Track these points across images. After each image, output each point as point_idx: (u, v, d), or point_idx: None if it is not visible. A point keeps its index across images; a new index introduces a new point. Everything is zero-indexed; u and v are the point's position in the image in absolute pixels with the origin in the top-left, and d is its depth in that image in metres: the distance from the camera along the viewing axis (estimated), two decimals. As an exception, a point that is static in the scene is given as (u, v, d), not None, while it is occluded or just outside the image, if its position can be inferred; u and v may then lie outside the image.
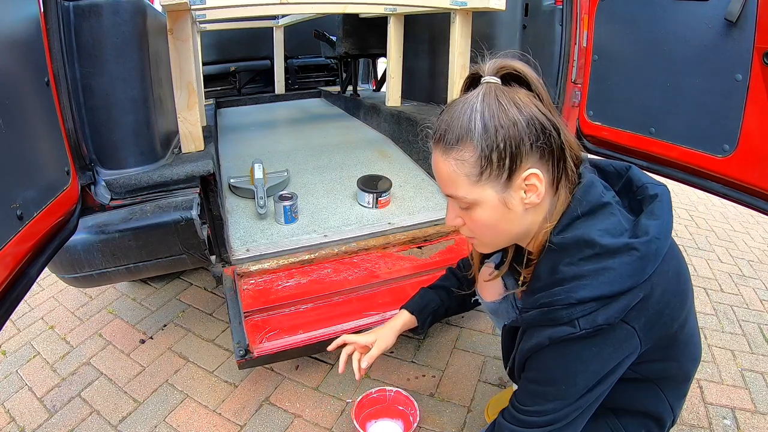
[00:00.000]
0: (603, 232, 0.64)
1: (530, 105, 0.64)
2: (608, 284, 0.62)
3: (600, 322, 0.62)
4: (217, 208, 1.45)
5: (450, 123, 0.66)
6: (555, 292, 0.64)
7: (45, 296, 2.01)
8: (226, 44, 3.50)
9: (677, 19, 1.16)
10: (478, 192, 0.66)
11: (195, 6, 1.31)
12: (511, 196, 0.66)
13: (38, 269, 0.81)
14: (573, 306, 0.62)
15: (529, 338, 0.69)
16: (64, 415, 1.38)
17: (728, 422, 1.32)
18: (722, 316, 1.82)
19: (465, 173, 0.65)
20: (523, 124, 0.62)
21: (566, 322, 0.63)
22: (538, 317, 0.66)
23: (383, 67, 3.13)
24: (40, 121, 0.87)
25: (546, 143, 0.64)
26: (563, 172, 0.67)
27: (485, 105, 0.63)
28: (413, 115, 2.10)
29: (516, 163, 0.64)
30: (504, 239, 0.74)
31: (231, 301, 1.31)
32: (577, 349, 0.64)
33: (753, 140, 1.02)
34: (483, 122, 0.63)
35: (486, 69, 0.67)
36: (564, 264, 0.64)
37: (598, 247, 0.63)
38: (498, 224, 0.69)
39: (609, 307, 0.62)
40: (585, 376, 0.66)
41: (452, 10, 1.70)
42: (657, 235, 0.64)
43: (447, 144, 0.66)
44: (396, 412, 1.28)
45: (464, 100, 0.66)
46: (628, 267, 0.62)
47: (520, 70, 0.66)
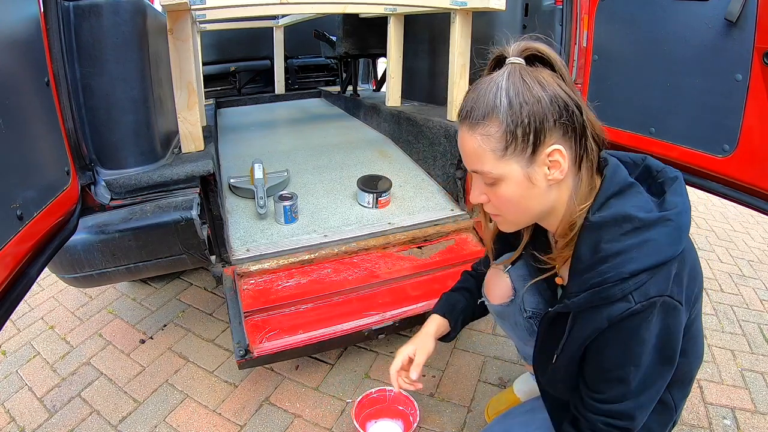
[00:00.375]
0: (637, 208, 0.66)
1: (553, 84, 0.66)
2: (654, 255, 0.64)
3: (652, 293, 0.63)
4: (217, 208, 1.45)
5: (476, 100, 0.68)
6: (603, 270, 0.65)
7: (45, 296, 2.01)
8: (226, 44, 3.50)
9: (677, 19, 1.16)
10: (503, 167, 0.68)
11: (195, 6, 1.31)
12: (535, 172, 0.68)
13: (38, 269, 0.81)
14: (625, 281, 0.63)
15: (585, 323, 0.69)
16: (64, 415, 1.38)
17: (728, 422, 1.32)
18: (722, 316, 1.82)
19: (491, 148, 0.68)
20: (546, 101, 0.65)
21: (620, 298, 0.64)
22: (590, 298, 0.66)
23: (383, 67, 3.13)
24: (40, 121, 0.87)
25: (568, 120, 0.66)
26: (585, 150, 0.69)
27: (510, 83, 0.65)
28: (413, 115, 2.10)
29: (540, 139, 0.66)
30: (527, 216, 0.75)
31: (231, 301, 1.31)
32: (637, 326, 0.65)
33: (753, 140, 1.02)
34: (508, 99, 0.65)
35: (511, 50, 0.69)
36: (605, 242, 0.66)
37: (636, 221, 0.65)
38: (522, 200, 0.71)
39: (657, 278, 0.64)
40: (651, 353, 0.67)
41: (452, 10, 1.70)
42: (684, 209, 0.67)
43: (473, 120, 0.68)
44: (396, 412, 1.28)
45: (490, 79, 0.68)
46: (668, 237, 0.64)
47: (543, 51, 0.68)
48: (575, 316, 0.72)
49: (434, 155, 1.95)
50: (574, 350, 0.73)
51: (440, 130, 1.86)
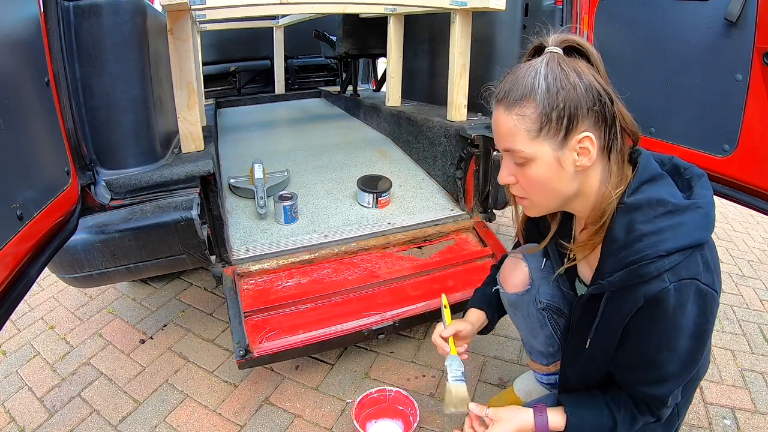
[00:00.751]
0: (670, 195, 0.70)
1: (589, 74, 0.69)
2: (687, 236, 0.66)
3: (684, 275, 0.66)
4: (217, 208, 1.45)
5: (515, 82, 0.71)
6: (639, 248, 0.67)
7: (45, 296, 2.01)
8: (226, 44, 3.50)
9: (677, 19, 1.16)
10: (535, 147, 0.71)
11: (195, 6, 1.31)
12: (565, 155, 0.71)
13: (38, 269, 0.81)
14: (662, 258, 0.66)
15: (621, 303, 0.70)
16: (64, 415, 1.38)
17: (728, 422, 1.32)
18: (722, 316, 1.82)
19: (525, 128, 0.70)
20: (582, 89, 0.68)
21: (655, 276, 0.66)
22: (626, 276, 0.68)
23: (383, 67, 3.13)
24: (40, 121, 0.87)
25: (601, 109, 0.69)
26: (614, 140, 0.71)
27: (549, 69, 0.69)
28: (413, 115, 2.10)
29: (573, 124, 0.69)
30: (554, 200, 0.77)
31: (231, 301, 1.31)
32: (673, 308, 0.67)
33: (753, 140, 1.02)
34: (546, 83, 0.68)
35: (550, 40, 0.73)
36: (640, 222, 0.68)
37: (670, 205, 0.68)
38: (550, 182, 0.73)
39: (688, 261, 0.66)
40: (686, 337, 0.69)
41: (452, 10, 1.70)
42: (712, 201, 0.70)
43: (510, 101, 0.71)
44: (396, 412, 1.28)
45: (529, 64, 0.71)
46: (699, 221, 0.68)
47: (581, 44, 0.72)
48: (609, 298, 0.73)
49: (434, 155, 1.95)
50: (611, 332, 0.74)
51: (440, 130, 1.86)
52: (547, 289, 0.99)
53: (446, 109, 1.88)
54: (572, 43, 0.72)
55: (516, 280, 1.02)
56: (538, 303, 1.00)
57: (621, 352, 0.76)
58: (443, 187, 1.90)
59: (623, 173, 0.73)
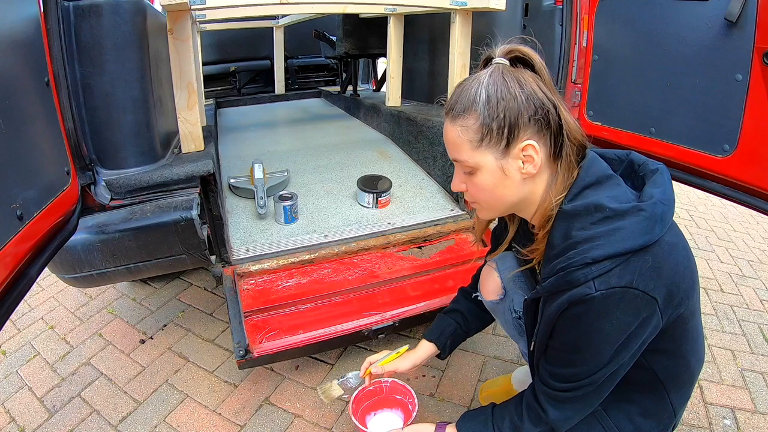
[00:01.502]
0: (611, 199, 0.68)
1: (532, 83, 0.70)
2: (620, 242, 0.65)
3: (614, 283, 0.64)
4: (217, 208, 1.45)
5: (460, 95, 0.73)
6: (570, 255, 0.67)
7: (45, 296, 2.01)
8: (226, 44, 3.50)
9: (677, 19, 1.16)
10: (478, 157, 0.73)
11: (195, 6, 1.31)
12: (509, 164, 0.72)
13: (38, 269, 0.81)
14: (588, 266, 0.65)
15: (551, 306, 0.71)
16: (64, 415, 1.38)
17: (728, 422, 1.32)
18: (722, 316, 1.82)
19: (468, 139, 0.72)
20: (522, 99, 0.69)
21: (582, 283, 0.65)
22: (556, 282, 0.69)
23: (383, 67, 3.13)
24: (40, 122, 0.87)
25: (543, 118, 0.70)
26: (561, 147, 0.72)
27: (491, 80, 0.70)
28: (413, 115, 2.10)
29: (514, 134, 0.70)
30: (502, 205, 0.78)
31: (231, 301, 1.31)
32: (596, 314, 0.66)
33: (753, 140, 1.02)
34: (487, 94, 0.70)
35: (497, 51, 0.74)
36: (576, 229, 0.68)
37: (608, 211, 0.67)
38: (496, 189, 0.75)
39: (622, 268, 0.64)
40: (606, 344, 0.68)
41: (452, 10, 1.70)
42: (661, 199, 0.68)
43: (455, 112, 0.73)
44: (394, 402, 1.26)
45: (475, 76, 0.73)
46: (638, 225, 0.65)
47: (526, 53, 0.73)
48: (545, 301, 0.74)
49: (434, 155, 1.95)
50: (544, 332, 0.75)
51: (440, 130, 1.86)
52: (520, 298, 0.98)
53: (446, 109, 1.88)
54: (517, 53, 0.73)
55: (490, 288, 1.04)
56: (513, 312, 1.01)
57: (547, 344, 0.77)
58: (443, 187, 1.90)
59: (571, 178, 0.73)
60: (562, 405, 0.76)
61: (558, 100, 0.72)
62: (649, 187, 0.71)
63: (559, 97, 0.72)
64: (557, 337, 0.73)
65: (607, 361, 0.70)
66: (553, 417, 0.77)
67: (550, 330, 0.74)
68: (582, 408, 0.77)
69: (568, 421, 0.78)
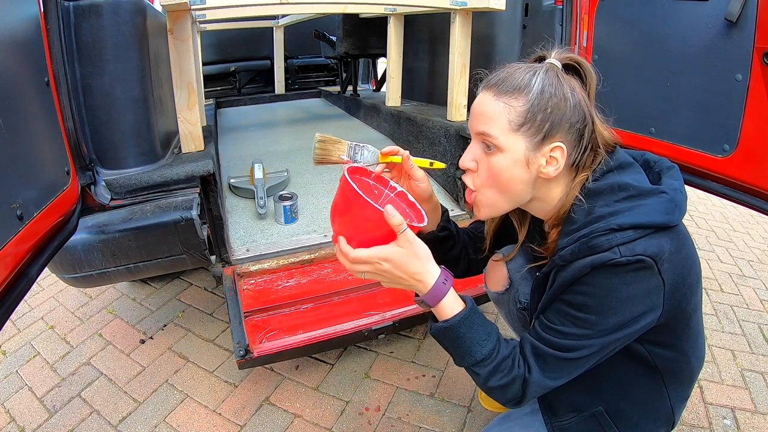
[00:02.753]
0: (635, 180, 0.70)
1: (581, 93, 0.71)
2: (645, 215, 0.65)
3: (638, 251, 0.63)
4: (217, 208, 1.45)
5: (511, 75, 0.71)
6: (593, 226, 0.67)
7: (45, 296, 2.01)
8: (226, 44, 3.50)
9: (677, 19, 1.16)
10: (510, 139, 0.70)
11: (195, 6, 1.31)
12: (535, 158, 0.71)
13: (38, 269, 0.80)
14: (613, 232, 0.65)
15: (568, 271, 0.68)
16: (64, 415, 1.38)
17: (728, 422, 1.32)
18: (722, 316, 1.82)
19: (508, 118, 0.70)
20: (571, 104, 0.70)
21: (606, 248, 0.64)
22: (577, 249, 0.67)
23: (383, 67, 3.13)
24: (40, 121, 0.87)
25: (581, 129, 0.71)
26: (585, 161, 0.73)
27: (547, 76, 0.70)
28: (413, 115, 2.10)
29: (552, 132, 0.70)
30: (506, 200, 0.75)
31: (231, 301, 1.31)
32: (617, 282, 0.65)
33: (753, 140, 1.02)
34: (542, 86, 0.69)
35: (553, 54, 0.75)
36: (599, 206, 0.69)
37: (632, 189, 0.68)
38: (509, 179, 0.72)
39: (647, 239, 0.64)
40: (615, 312, 0.66)
41: (452, 10, 1.70)
42: (680, 189, 0.70)
43: (502, 88, 0.71)
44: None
45: (529, 66, 0.73)
46: (661, 205, 0.66)
47: (581, 63, 0.74)
48: (557, 271, 0.71)
49: (434, 155, 1.95)
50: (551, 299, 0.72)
51: (440, 130, 1.86)
52: (527, 290, 0.98)
53: (446, 109, 1.88)
54: (572, 61, 0.74)
55: (496, 279, 1.04)
56: (518, 303, 1.01)
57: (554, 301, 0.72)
58: (443, 187, 1.90)
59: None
60: (547, 367, 0.71)
61: (597, 115, 0.73)
62: (668, 179, 0.72)
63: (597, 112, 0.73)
64: (567, 294, 0.70)
65: (608, 329, 0.67)
66: (535, 378, 0.71)
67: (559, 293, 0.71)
68: (562, 376, 0.72)
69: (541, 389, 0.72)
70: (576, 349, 0.69)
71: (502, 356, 0.72)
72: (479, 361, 0.72)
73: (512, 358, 0.72)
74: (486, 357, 0.71)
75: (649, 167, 0.78)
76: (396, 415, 1.35)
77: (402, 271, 0.70)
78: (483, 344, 0.71)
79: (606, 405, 0.83)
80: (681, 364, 0.80)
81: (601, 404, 0.83)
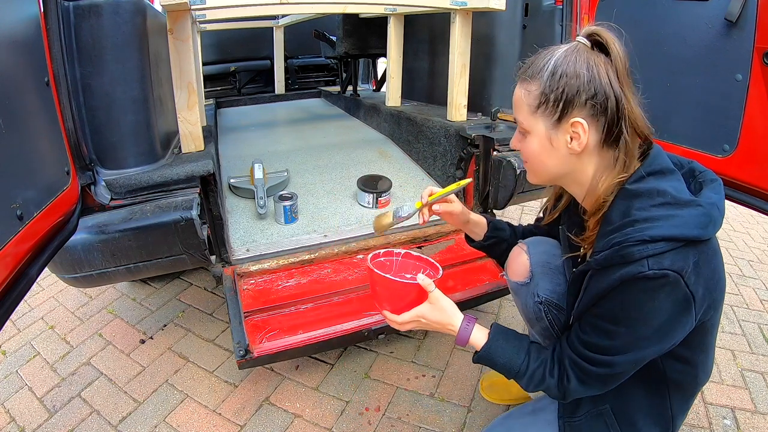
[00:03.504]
0: (674, 189, 0.70)
1: (600, 68, 0.72)
2: (678, 227, 0.66)
3: (666, 266, 0.65)
4: (217, 208, 1.45)
5: (533, 61, 0.77)
6: (627, 231, 0.68)
7: (45, 296, 2.01)
8: (226, 44, 3.50)
9: (677, 19, 1.16)
10: (532, 121, 0.77)
11: (195, 6, 1.31)
12: (557, 136, 0.75)
13: (38, 269, 0.80)
14: (645, 243, 0.66)
15: (600, 280, 0.71)
16: (64, 415, 1.38)
17: (728, 422, 1.32)
18: (722, 316, 1.81)
19: (528, 103, 0.77)
20: (584, 80, 0.71)
21: (637, 259, 0.66)
22: (610, 256, 0.69)
23: (383, 67, 3.13)
24: (40, 121, 0.87)
25: (600, 104, 0.72)
26: (615, 137, 0.73)
27: (563, 55, 0.73)
28: (413, 115, 2.10)
29: (567, 110, 0.73)
30: (546, 173, 0.82)
31: (231, 301, 1.31)
32: (644, 296, 0.67)
33: (753, 140, 1.02)
34: (554, 67, 0.73)
35: (582, 31, 0.77)
36: (636, 209, 0.70)
37: (669, 197, 0.69)
38: (541, 156, 0.79)
39: (676, 253, 0.65)
40: (645, 324, 0.69)
41: (452, 10, 1.70)
42: (718, 204, 0.70)
43: (525, 76, 0.77)
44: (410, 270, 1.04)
45: (554, 48, 0.76)
46: (695, 218, 0.67)
47: (605, 38, 0.73)
48: (591, 276, 0.74)
49: (434, 155, 1.95)
50: (586, 306, 0.75)
51: (440, 130, 1.86)
52: (547, 285, 0.99)
53: (446, 109, 1.88)
54: (596, 36, 0.74)
55: (517, 269, 1.05)
56: (536, 296, 1.02)
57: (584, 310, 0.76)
58: (443, 187, 1.90)
59: (628, 169, 0.74)
60: (585, 377, 0.76)
61: (626, 92, 0.73)
62: (708, 191, 0.72)
63: (631, 89, 0.74)
64: (599, 307, 0.73)
65: (640, 342, 0.70)
66: (573, 387, 0.77)
67: (594, 303, 0.74)
68: (599, 387, 0.78)
69: (581, 394, 0.79)
70: (607, 364, 0.73)
71: (531, 369, 0.81)
72: (515, 374, 0.83)
73: (544, 368, 0.81)
74: (518, 370, 0.82)
75: (693, 176, 0.78)
76: (396, 415, 1.35)
77: (434, 322, 0.87)
78: (514, 360, 0.83)
79: (611, 404, 0.84)
80: (689, 377, 0.81)
81: (607, 402, 0.84)
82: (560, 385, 0.79)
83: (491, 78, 1.90)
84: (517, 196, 1.62)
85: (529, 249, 1.04)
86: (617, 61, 0.73)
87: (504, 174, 1.57)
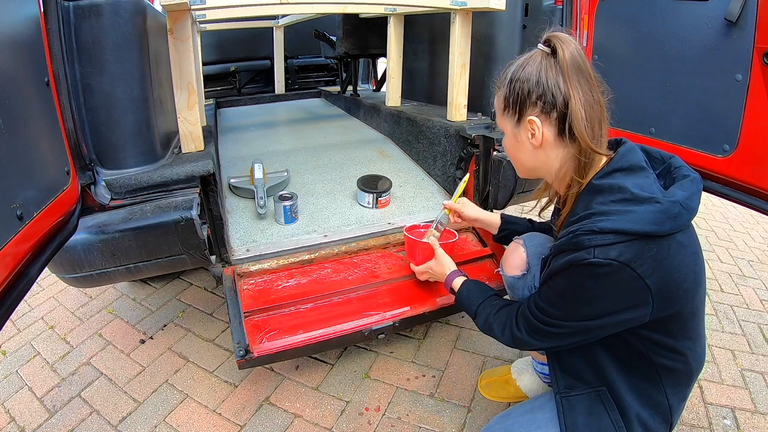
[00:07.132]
0: (636, 186, 0.74)
1: (548, 72, 0.80)
2: (628, 222, 0.70)
3: (612, 256, 0.69)
4: (217, 208, 1.45)
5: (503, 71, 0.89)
6: (584, 223, 0.74)
7: (45, 296, 2.01)
8: (226, 44, 3.50)
9: (677, 19, 1.16)
10: (502, 123, 0.91)
11: (195, 6, 1.31)
12: (520, 134, 0.87)
13: (38, 269, 0.80)
14: (594, 233, 0.71)
15: (556, 261, 0.78)
16: (64, 415, 1.38)
17: (728, 422, 1.32)
18: (722, 316, 1.82)
19: (498, 107, 0.91)
20: (533, 82, 0.81)
21: (585, 247, 0.71)
22: (564, 243, 0.75)
23: (383, 67, 3.13)
24: (40, 121, 0.87)
25: (549, 102, 0.80)
26: (570, 131, 0.80)
27: (521, 63, 0.84)
28: (413, 115, 2.10)
29: (523, 110, 0.84)
30: (523, 166, 0.93)
31: (231, 301, 1.31)
32: (588, 280, 0.73)
33: (753, 140, 1.02)
34: (512, 75, 0.85)
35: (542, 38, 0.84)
36: (597, 203, 0.76)
37: (628, 193, 0.73)
38: (513, 152, 0.92)
39: (626, 246, 0.70)
40: (587, 305, 0.76)
41: (452, 10, 1.70)
42: (681, 201, 0.73)
43: (498, 85, 0.90)
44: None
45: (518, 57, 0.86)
46: (650, 215, 0.70)
47: (554, 43, 0.80)
48: (551, 257, 0.81)
49: (434, 155, 1.95)
50: (543, 279, 0.84)
51: (440, 130, 1.86)
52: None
53: (446, 109, 1.88)
54: (550, 41, 0.81)
55: (513, 263, 1.10)
56: (533, 288, 1.06)
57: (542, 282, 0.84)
58: (443, 187, 1.90)
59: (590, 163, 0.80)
60: (532, 332, 0.86)
61: (574, 90, 0.78)
62: (675, 188, 0.76)
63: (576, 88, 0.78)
64: (552, 281, 0.80)
65: (583, 318, 0.77)
66: (524, 337, 0.88)
67: (549, 277, 0.81)
68: (546, 343, 0.87)
69: (530, 345, 0.90)
70: (554, 326, 0.82)
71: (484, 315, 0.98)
72: (473, 315, 1.01)
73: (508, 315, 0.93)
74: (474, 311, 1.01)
75: (669, 172, 0.82)
76: (396, 415, 1.35)
77: (437, 272, 1.20)
78: (474, 302, 1.02)
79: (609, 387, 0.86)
80: (678, 363, 0.82)
81: (605, 386, 0.86)
82: (512, 332, 0.90)
83: (491, 78, 1.90)
84: (517, 196, 1.62)
85: (526, 242, 1.11)
86: (563, 63, 0.79)
87: (504, 174, 1.57)
